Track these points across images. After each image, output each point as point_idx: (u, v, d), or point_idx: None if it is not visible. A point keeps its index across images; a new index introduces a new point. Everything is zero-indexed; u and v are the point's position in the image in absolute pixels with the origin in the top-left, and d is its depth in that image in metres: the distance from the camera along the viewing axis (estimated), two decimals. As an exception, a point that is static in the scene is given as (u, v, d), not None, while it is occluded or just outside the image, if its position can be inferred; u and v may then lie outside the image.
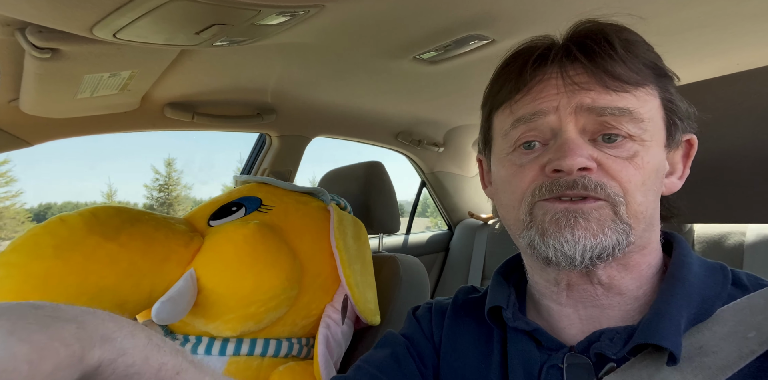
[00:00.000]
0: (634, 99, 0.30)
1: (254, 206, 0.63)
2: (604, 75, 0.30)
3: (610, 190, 0.29)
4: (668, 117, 0.31)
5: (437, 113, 1.17)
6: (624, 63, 0.30)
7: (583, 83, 0.30)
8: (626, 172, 0.29)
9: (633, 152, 0.29)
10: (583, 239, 0.28)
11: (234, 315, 0.52)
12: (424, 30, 0.64)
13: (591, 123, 0.30)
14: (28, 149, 0.75)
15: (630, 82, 0.30)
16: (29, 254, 0.44)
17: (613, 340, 0.29)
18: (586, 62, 0.30)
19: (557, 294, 0.33)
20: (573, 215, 0.29)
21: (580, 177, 0.29)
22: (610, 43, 0.30)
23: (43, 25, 0.46)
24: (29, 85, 0.59)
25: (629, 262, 0.31)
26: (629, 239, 0.29)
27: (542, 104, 0.31)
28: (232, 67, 0.72)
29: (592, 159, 0.29)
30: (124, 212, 0.52)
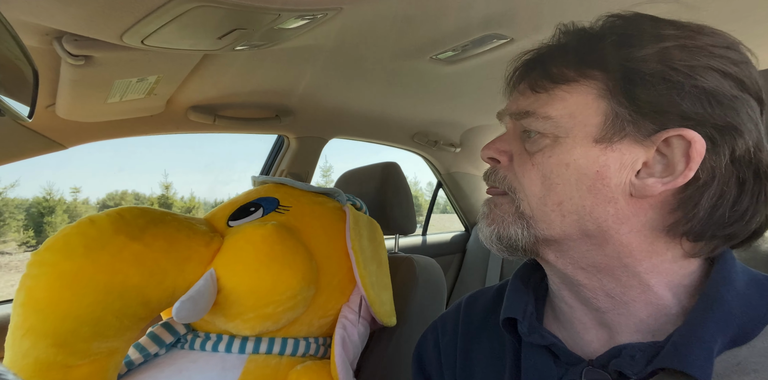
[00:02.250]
0: (547, 98, 0.31)
1: (272, 206, 0.64)
2: (538, 77, 0.32)
3: (508, 183, 0.32)
4: (614, 112, 0.28)
5: (454, 113, 1.15)
6: (562, 60, 0.31)
7: (522, 89, 0.33)
8: (523, 167, 0.31)
9: (539, 147, 0.31)
10: (485, 227, 0.33)
11: (253, 315, 0.53)
12: (441, 30, 0.63)
13: (519, 126, 0.33)
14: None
15: (555, 79, 0.30)
16: (61, 254, 0.46)
17: (635, 358, 0.27)
18: (538, 66, 0.32)
19: (560, 292, 0.33)
20: (485, 206, 0.34)
21: (491, 169, 0.33)
22: (570, 41, 0.31)
23: (78, 33, 0.49)
24: (65, 90, 0.63)
25: (588, 261, 0.30)
26: (535, 231, 0.30)
27: (502, 108, 0.36)
28: (252, 71, 0.74)
29: (509, 153, 0.33)
30: (148, 213, 0.54)
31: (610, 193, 0.29)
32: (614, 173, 0.28)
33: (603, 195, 0.29)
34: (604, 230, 0.29)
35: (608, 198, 0.29)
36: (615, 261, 0.29)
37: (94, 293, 0.45)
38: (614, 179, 0.28)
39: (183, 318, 0.47)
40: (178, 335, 0.58)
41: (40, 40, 0.50)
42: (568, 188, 0.29)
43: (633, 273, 0.29)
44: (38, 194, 8.86)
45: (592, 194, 0.29)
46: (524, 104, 0.32)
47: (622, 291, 0.30)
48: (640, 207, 0.29)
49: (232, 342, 0.57)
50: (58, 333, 0.44)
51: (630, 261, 0.29)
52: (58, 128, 0.74)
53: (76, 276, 0.45)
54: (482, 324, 0.38)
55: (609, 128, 0.29)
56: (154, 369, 0.54)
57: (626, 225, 0.29)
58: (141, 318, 0.49)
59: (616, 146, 0.29)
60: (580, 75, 0.30)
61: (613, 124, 0.28)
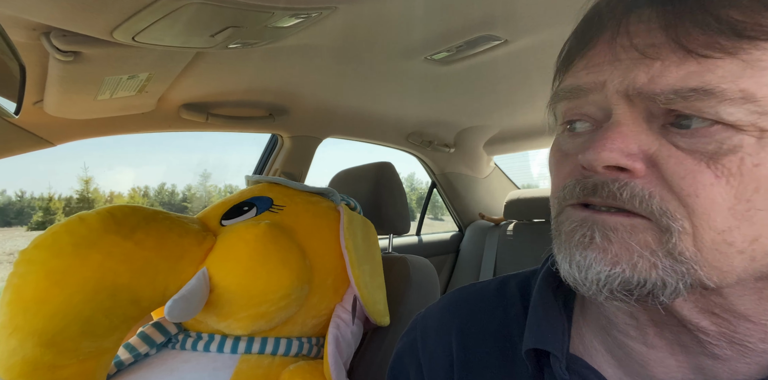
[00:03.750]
0: (739, 66, 0.18)
1: (265, 206, 0.64)
2: (690, 28, 0.18)
3: (657, 205, 0.19)
4: None
5: (448, 113, 1.16)
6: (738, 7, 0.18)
7: (648, 47, 0.19)
8: (696, 180, 0.18)
9: (727, 148, 0.18)
10: (595, 263, 0.20)
11: (245, 314, 0.53)
12: (436, 31, 0.63)
13: (655, 107, 0.19)
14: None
15: (747, 33, 0.18)
16: (50, 252, 0.45)
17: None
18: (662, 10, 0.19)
19: (638, 329, 0.22)
20: (590, 229, 0.20)
21: (611, 180, 0.20)
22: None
23: (66, 29, 0.48)
24: (53, 87, 0.61)
25: (732, 307, 0.20)
26: (695, 280, 0.19)
27: (585, 76, 0.21)
28: (246, 69, 0.74)
29: (641, 155, 0.19)
30: (139, 211, 0.53)
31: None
32: None
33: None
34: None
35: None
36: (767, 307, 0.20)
37: (84, 291, 0.44)
38: None
39: (175, 317, 0.47)
40: (169, 335, 0.57)
41: (27, 35, 0.49)
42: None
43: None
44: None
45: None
46: (673, 76, 0.18)
47: (762, 338, 0.21)
48: None
49: (224, 342, 0.56)
50: (46, 332, 0.43)
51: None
52: (46, 125, 0.73)
53: (65, 274, 0.44)
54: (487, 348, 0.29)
55: None
56: (144, 369, 0.54)
57: None
58: (131, 317, 0.49)
59: None
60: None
61: None
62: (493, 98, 1.01)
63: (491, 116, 1.19)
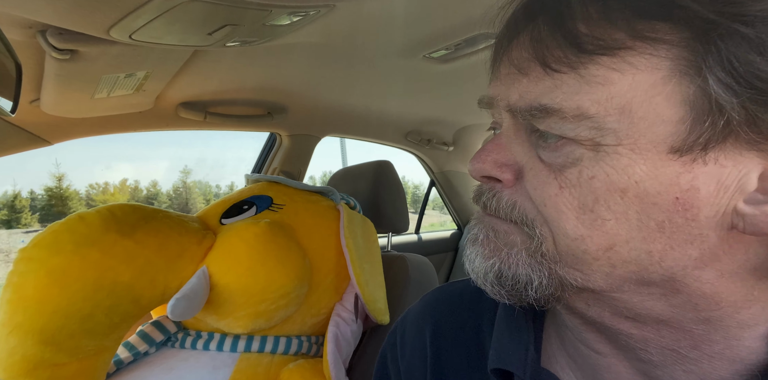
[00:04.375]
0: (577, 81, 0.18)
1: (265, 204, 0.64)
2: (553, 43, 0.19)
3: (519, 214, 0.21)
4: (710, 96, 0.17)
5: (447, 112, 1.16)
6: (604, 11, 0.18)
7: (522, 64, 0.20)
8: (545, 190, 0.20)
9: (570, 161, 0.19)
10: (479, 258, 0.22)
11: (245, 312, 0.53)
12: (434, 29, 0.63)
13: (527, 122, 0.21)
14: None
15: (587, 47, 0.18)
16: (50, 250, 0.45)
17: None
18: (547, 21, 0.19)
19: (586, 336, 0.23)
20: (479, 228, 0.23)
21: (488, 189, 0.22)
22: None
23: (63, 27, 0.48)
24: (49, 85, 0.61)
25: (644, 311, 0.20)
26: (561, 281, 0.20)
27: (490, 91, 0.23)
28: (244, 67, 0.73)
29: (513, 166, 0.21)
30: (139, 209, 0.53)
31: (696, 229, 0.18)
32: (707, 200, 0.18)
33: (684, 234, 0.18)
34: (677, 278, 0.19)
35: (692, 237, 0.18)
36: (689, 314, 0.20)
37: (84, 290, 0.44)
38: (706, 209, 0.18)
39: (177, 315, 0.47)
40: (168, 333, 0.57)
41: (23, 33, 0.49)
42: (624, 226, 0.18)
43: (718, 327, 0.20)
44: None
45: (665, 233, 0.18)
46: (534, 93, 0.19)
47: (693, 345, 0.20)
48: (739, 243, 0.19)
49: (223, 341, 0.57)
50: (46, 330, 0.43)
51: (716, 314, 0.20)
52: (42, 123, 0.72)
53: (65, 273, 0.44)
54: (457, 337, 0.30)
55: (700, 125, 0.17)
56: (143, 367, 0.54)
57: (713, 269, 0.19)
58: (131, 315, 0.49)
59: (712, 155, 0.17)
60: (633, 36, 0.17)
61: (710, 118, 0.17)
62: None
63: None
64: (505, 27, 0.22)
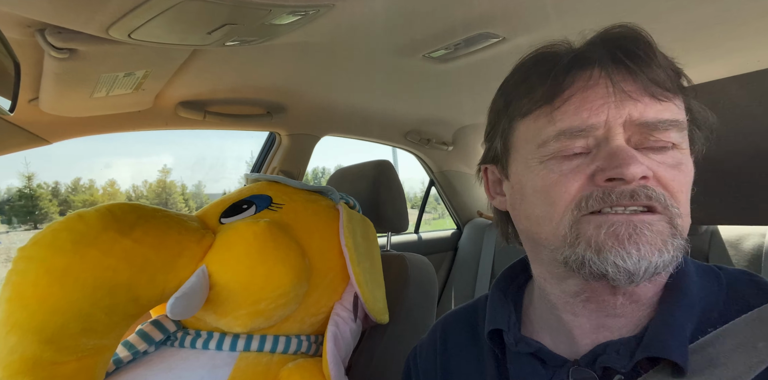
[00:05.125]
0: (676, 108, 0.29)
1: (264, 204, 0.64)
2: (650, 83, 0.28)
3: (667, 201, 0.28)
4: (690, 126, 0.31)
5: (446, 111, 1.16)
6: (664, 70, 0.29)
7: (631, 92, 0.28)
8: (678, 181, 0.29)
9: (678, 160, 0.29)
10: (649, 254, 0.27)
11: (244, 311, 0.53)
12: (434, 29, 0.63)
13: (637, 134, 0.29)
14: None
15: (671, 90, 0.29)
16: (49, 249, 0.45)
17: (620, 352, 0.29)
18: (634, 67, 0.28)
19: (573, 305, 0.32)
20: (637, 228, 0.27)
21: (641, 187, 0.27)
22: (650, 48, 0.29)
23: (61, 26, 0.47)
24: (48, 84, 0.61)
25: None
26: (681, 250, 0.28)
27: (591, 118, 0.29)
28: (243, 67, 0.73)
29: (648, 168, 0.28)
30: (138, 208, 0.53)
31: None
32: None
33: None
34: None
35: None
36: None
37: (83, 288, 0.44)
38: None
39: (177, 314, 0.47)
40: (167, 332, 0.57)
41: (21, 31, 0.49)
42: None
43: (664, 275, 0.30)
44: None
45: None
46: (654, 112, 0.28)
47: (655, 293, 0.31)
48: None
49: (222, 340, 0.57)
50: (46, 329, 0.43)
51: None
52: (41, 122, 0.72)
53: (64, 272, 0.44)
54: (462, 340, 0.39)
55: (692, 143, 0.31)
56: (142, 367, 0.54)
57: None
58: (131, 314, 0.49)
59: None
60: (678, 88, 0.30)
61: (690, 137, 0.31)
62: (492, 95, 1.01)
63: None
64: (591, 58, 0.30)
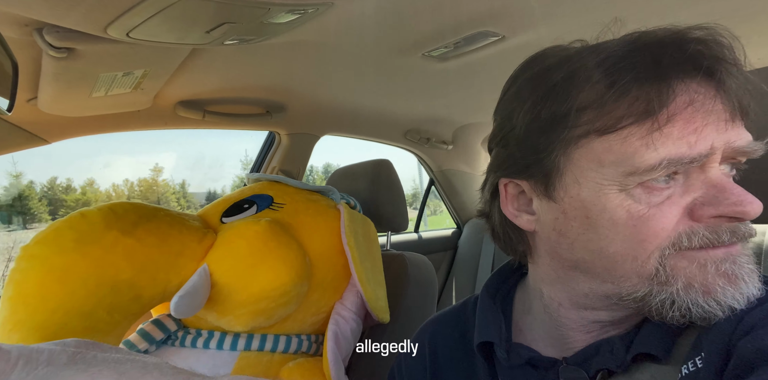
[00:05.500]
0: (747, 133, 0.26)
1: (266, 203, 0.64)
2: (737, 103, 0.25)
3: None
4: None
5: (446, 110, 1.16)
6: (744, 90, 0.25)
7: (728, 111, 0.25)
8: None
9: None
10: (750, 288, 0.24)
11: (245, 310, 0.53)
12: (433, 27, 0.63)
13: (723, 162, 0.26)
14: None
15: (745, 112, 0.26)
16: (51, 248, 0.45)
17: (613, 351, 0.28)
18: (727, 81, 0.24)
19: (568, 307, 0.31)
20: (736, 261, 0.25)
21: (743, 224, 0.25)
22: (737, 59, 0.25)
23: (59, 25, 0.47)
24: (46, 84, 0.61)
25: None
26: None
27: (699, 145, 0.24)
28: (242, 66, 0.73)
29: None
30: (140, 208, 0.53)
31: None
32: None
33: None
34: None
35: None
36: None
37: (85, 287, 0.44)
38: None
39: (181, 313, 0.47)
40: (168, 332, 0.57)
41: (19, 31, 0.49)
42: None
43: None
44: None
45: None
46: (746, 138, 0.26)
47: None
48: None
49: (223, 339, 0.57)
50: (48, 327, 0.43)
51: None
52: (40, 122, 0.72)
53: (67, 270, 0.44)
54: (452, 350, 0.37)
55: None
56: (144, 367, 0.54)
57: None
58: (132, 313, 0.49)
59: None
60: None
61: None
62: (492, 94, 1.00)
63: (489, 112, 1.19)
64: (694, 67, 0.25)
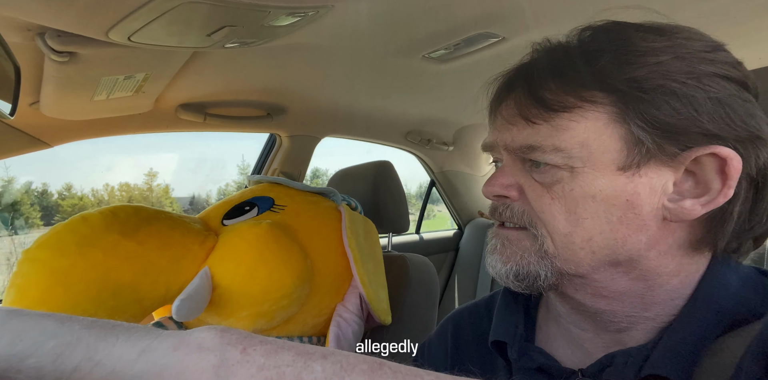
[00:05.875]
0: (549, 129, 0.27)
1: (267, 205, 0.64)
2: (528, 104, 0.28)
3: (527, 218, 0.29)
4: (632, 135, 0.26)
5: (447, 112, 1.16)
6: (557, 83, 0.27)
7: (510, 118, 0.30)
8: (540, 201, 0.28)
9: (555, 180, 0.28)
10: (497, 263, 0.30)
11: (247, 313, 0.53)
12: (433, 29, 0.63)
13: (520, 155, 0.30)
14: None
15: (550, 107, 0.27)
16: (53, 251, 0.45)
17: (627, 365, 0.27)
18: (524, 90, 0.29)
19: (572, 316, 0.32)
20: (495, 240, 0.31)
21: (500, 204, 0.31)
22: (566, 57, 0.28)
23: (61, 29, 0.48)
24: (49, 88, 0.61)
25: (612, 288, 0.28)
26: (559, 270, 0.28)
27: (489, 139, 0.33)
28: (243, 69, 0.73)
29: (516, 185, 0.30)
30: (142, 211, 0.53)
31: (641, 221, 0.27)
32: (645, 200, 0.27)
33: (635, 224, 0.27)
34: (635, 258, 0.28)
35: (640, 226, 0.27)
36: (641, 284, 0.28)
37: (87, 290, 0.44)
38: (646, 207, 0.27)
39: (183, 316, 0.47)
40: (170, 335, 0.57)
41: (21, 35, 0.49)
42: (597, 222, 0.27)
43: (660, 292, 0.28)
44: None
45: (623, 224, 0.27)
46: (521, 138, 0.29)
47: (644, 308, 0.28)
48: (669, 230, 0.27)
49: (225, 342, 0.56)
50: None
51: (657, 281, 0.28)
52: (42, 126, 0.72)
53: (68, 273, 0.44)
54: (473, 341, 0.38)
55: (632, 153, 0.26)
56: (145, 370, 0.54)
57: (655, 249, 0.28)
58: (134, 316, 0.49)
59: (643, 171, 0.26)
60: (581, 100, 0.27)
61: (637, 148, 0.26)
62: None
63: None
64: (496, 94, 0.32)
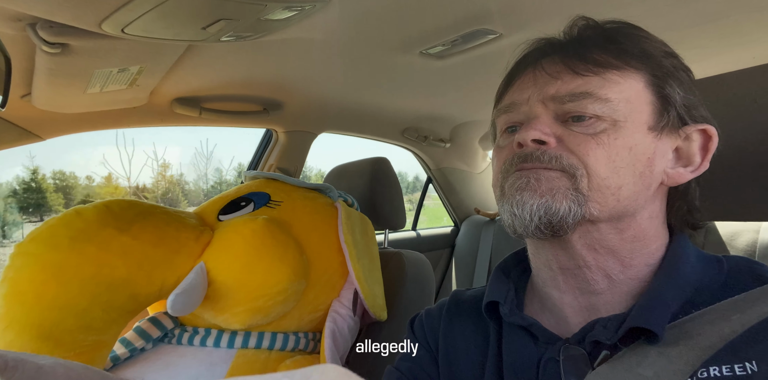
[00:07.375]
0: (601, 81, 0.31)
1: (263, 201, 0.64)
2: (576, 60, 0.31)
3: (566, 161, 0.30)
4: (659, 102, 0.31)
5: (444, 108, 1.16)
6: (601, 48, 0.31)
7: (555, 73, 0.32)
8: (586, 146, 0.30)
9: (600, 130, 0.30)
10: (530, 199, 0.30)
11: (242, 308, 0.53)
12: (431, 25, 0.63)
13: (560, 110, 0.32)
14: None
15: (600, 64, 0.31)
16: (46, 245, 0.45)
17: (606, 327, 0.30)
18: (564, 51, 0.32)
19: (554, 279, 0.34)
20: (526, 178, 0.31)
21: (535, 150, 0.31)
22: (597, 33, 0.32)
23: (53, 20, 0.47)
24: (41, 80, 0.60)
25: (605, 243, 0.31)
26: (586, 210, 0.29)
27: (516, 96, 0.34)
28: (239, 63, 0.72)
29: (553, 135, 0.31)
30: (137, 205, 0.53)
31: (651, 180, 0.31)
32: (659, 161, 0.31)
33: (647, 182, 0.31)
34: (635, 215, 0.31)
35: (648, 185, 0.31)
36: (627, 244, 0.31)
37: (80, 284, 0.44)
38: (657, 167, 0.31)
39: (178, 311, 0.47)
40: (165, 329, 0.57)
41: (12, 26, 0.48)
42: (628, 173, 0.30)
43: (638, 255, 0.31)
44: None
45: (641, 180, 0.30)
46: (572, 87, 0.31)
47: (621, 271, 0.31)
48: (657, 195, 0.32)
49: (220, 337, 0.57)
50: (43, 325, 0.43)
51: (639, 245, 0.31)
52: (34, 118, 0.71)
53: (61, 267, 0.44)
54: (468, 311, 0.40)
55: (658, 117, 0.31)
56: (140, 364, 0.54)
57: (647, 211, 0.31)
58: (128, 311, 0.48)
59: (663, 135, 0.31)
60: (625, 63, 0.31)
61: (661, 114, 0.31)
62: (489, 92, 1.00)
63: (487, 111, 1.19)
64: (536, 51, 0.35)
